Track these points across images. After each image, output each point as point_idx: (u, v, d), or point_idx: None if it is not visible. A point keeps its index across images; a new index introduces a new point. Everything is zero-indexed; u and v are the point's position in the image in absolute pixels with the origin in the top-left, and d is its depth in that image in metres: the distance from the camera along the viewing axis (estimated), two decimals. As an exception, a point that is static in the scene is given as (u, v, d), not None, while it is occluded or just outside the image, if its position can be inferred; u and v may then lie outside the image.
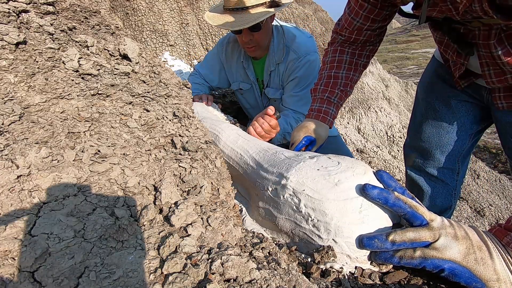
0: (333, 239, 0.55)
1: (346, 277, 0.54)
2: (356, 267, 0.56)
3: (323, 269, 0.55)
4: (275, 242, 0.63)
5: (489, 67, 0.88)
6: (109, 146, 0.55)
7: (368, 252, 0.56)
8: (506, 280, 0.48)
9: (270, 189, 0.65)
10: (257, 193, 0.70)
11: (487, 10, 0.67)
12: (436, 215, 0.54)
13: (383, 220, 0.56)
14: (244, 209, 0.75)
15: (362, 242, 0.53)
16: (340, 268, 0.55)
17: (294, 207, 0.59)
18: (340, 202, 0.55)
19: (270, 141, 1.25)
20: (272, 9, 1.33)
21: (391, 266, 0.57)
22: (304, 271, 0.56)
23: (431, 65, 1.24)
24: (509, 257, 0.49)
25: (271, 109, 1.12)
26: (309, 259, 0.58)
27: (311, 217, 0.57)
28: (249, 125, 1.17)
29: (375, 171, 0.61)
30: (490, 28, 0.79)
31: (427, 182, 1.29)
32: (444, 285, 0.54)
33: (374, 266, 0.57)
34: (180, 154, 0.62)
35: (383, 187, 0.57)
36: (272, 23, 1.53)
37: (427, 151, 1.25)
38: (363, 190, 0.55)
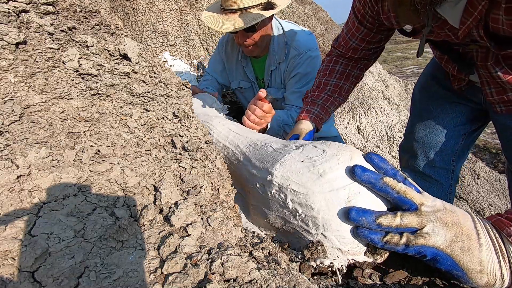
0: (322, 234, 0.53)
1: (339, 273, 0.53)
2: (348, 260, 0.54)
3: (314, 266, 0.54)
4: (275, 242, 0.63)
5: (490, 86, 0.90)
6: (109, 146, 0.55)
7: (360, 244, 0.54)
8: (491, 272, 0.47)
9: (258, 185, 0.64)
10: (248, 190, 0.69)
11: (482, 35, 0.68)
12: (428, 198, 0.52)
13: (374, 206, 0.53)
14: (238, 207, 0.74)
15: (350, 214, 0.50)
16: (330, 263, 0.54)
17: (282, 203, 0.58)
18: (326, 194, 0.53)
19: (269, 132, 1.24)
20: (266, 12, 1.33)
21: (386, 254, 0.55)
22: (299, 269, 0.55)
23: (429, 66, 1.26)
24: (503, 249, 0.48)
25: (262, 92, 1.07)
26: (300, 256, 0.56)
27: (298, 212, 0.55)
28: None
29: (364, 154, 0.59)
30: (487, 50, 0.80)
31: (421, 183, 1.30)
32: (444, 285, 0.54)
33: (368, 257, 0.54)
34: (180, 154, 0.62)
35: (374, 170, 0.55)
36: (272, 22, 1.52)
37: (421, 151, 1.27)
38: (353, 173, 0.53)
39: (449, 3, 0.66)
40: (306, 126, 1.09)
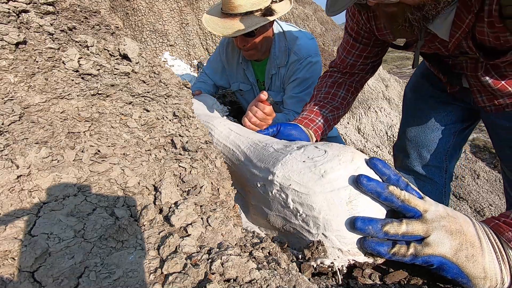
0: (322, 234, 0.53)
1: (339, 273, 0.53)
2: (349, 260, 0.54)
3: (314, 266, 0.54)
4: (275, 242, 0.63)
5: (481, 94, 0.92)
6: (109, 146, 0.55)
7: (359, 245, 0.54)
8: (493, 278, 0.48)
9: (259, 185, 0.64)
10: (249, 190, 0.70)
11: (471, 47, 0.72)
12: (431, 204, 0.53)
13: (375, 208, 0.54)
14: (238, 207, 0.74)
15: (355, 224, 0.50)
16: (331, 263, 0.54)
17: (283, 203, 0.58)
18: (327, 194, 0.53)
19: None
20: (266, 18, 1.32)
21: None
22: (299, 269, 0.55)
23: (420, 66, 1.27)
24: (503, 253, 0.49)
25: (264, 94, 1.07)
26: (300, 256, 0.57)
27: (299, 212, 0.55)
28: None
29: (367, 158, 0.59)
30: (476, 62, 0.82)
31: (416, 181, 1.31)
32: (444, 285, 0.54)
33: (369, 258, 0.55)
34: (180, 154, 0.62)
35: (377, 177, 0.55)
36: (273, 26, 1.52)
37: (414, 150, 1.29)
38: (357, 182, 0.53)
39: (439, 19, 0.68)
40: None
